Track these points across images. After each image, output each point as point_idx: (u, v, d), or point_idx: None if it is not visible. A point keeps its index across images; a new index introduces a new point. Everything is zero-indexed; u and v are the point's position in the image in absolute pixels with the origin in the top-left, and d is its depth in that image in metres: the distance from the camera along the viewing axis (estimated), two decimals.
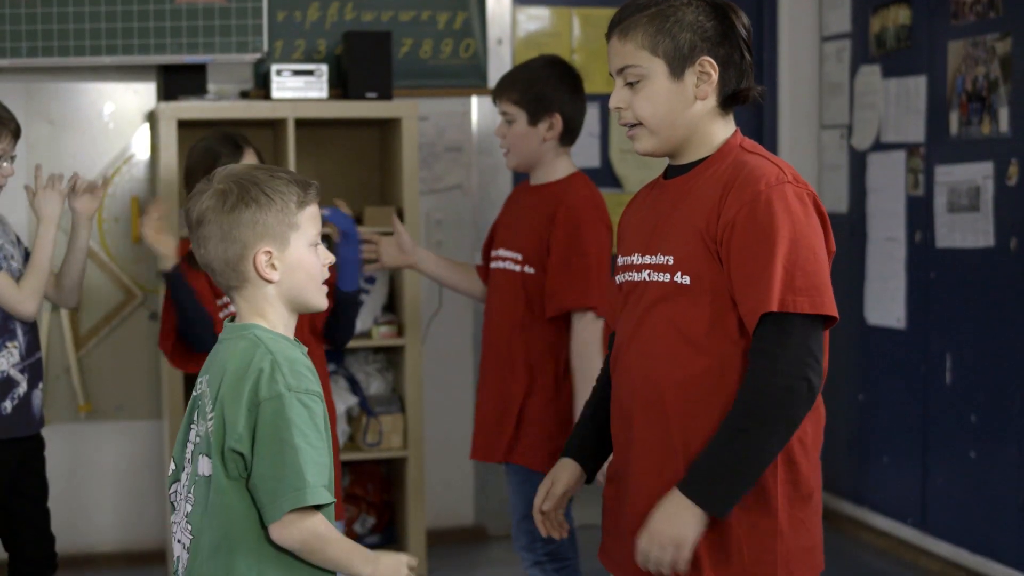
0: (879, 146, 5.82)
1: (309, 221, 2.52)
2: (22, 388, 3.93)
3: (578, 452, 2.84)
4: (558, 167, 3.96)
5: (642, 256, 2.66)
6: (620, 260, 2.75)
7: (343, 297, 4.08)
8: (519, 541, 3.96)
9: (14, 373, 3.91)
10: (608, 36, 2.69)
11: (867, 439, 5.95)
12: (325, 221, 3.97)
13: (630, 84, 2.64)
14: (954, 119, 5.32)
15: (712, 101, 2.64)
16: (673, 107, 2.62)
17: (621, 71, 2.64)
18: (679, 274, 2.57)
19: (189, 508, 2.51)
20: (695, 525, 2.48)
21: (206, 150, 4.15)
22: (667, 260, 2.60)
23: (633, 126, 2.67)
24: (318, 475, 2.39)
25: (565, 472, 2.80)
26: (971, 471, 5.25)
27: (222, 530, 2.44)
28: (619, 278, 2.75)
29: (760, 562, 2.56)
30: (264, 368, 2.41)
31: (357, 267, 4.14)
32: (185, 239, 4.17)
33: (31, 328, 3.98)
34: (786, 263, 2.48)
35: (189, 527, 2.50)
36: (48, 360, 5.45)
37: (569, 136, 3.95)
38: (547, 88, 3.90)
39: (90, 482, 5.61)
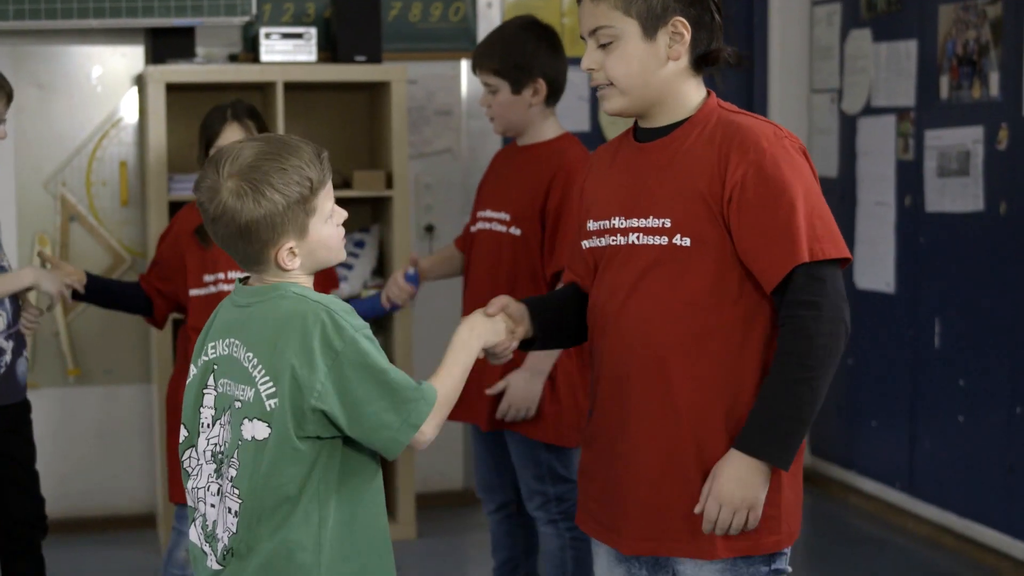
0: (869, 110, 5.81)
1: (324, 199, 2.50)
2: (7, 356, 3.92)
3: (534, 304, 2.83)
4: (546, 128, 3.96)
5: (626, 219, 2.65)
6: (593, 224, 2.73)
7: None
8: (532, 502, 3.99)
9: (1, 341, 3.90)
10: None
11: (856, 403, 5.96)
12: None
13: (603, 45, 2.63)
14: (944, 83, 5.31)
15: (684, 62, 2.64)
16: (646, 67, 2.62)
17: (593, 32, 2.64)
18: (678, 236, 2.57)
19: (233, 473, 2.47)
20: (764, 483, 2.52)
21: (201, 123, 4.13)
22: (663, 223, 2.59)
23: (605, 86, 2.66)
24: (411, 383, 2.45)
25: (506, 299, 2.79)
26: (959, 435, 5.27)
27: (282, 489, 2.43)
28: (592, 242, 2.74)
29: (768, 516, 2.58)
30: (325, 320, 2.41)
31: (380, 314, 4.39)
32: (190, 205, 4.17)
33: (15, 296, 3.97)
34: (806, 215, 2.51)
35: (236, 491, 2.47)
36: None
37: (554, 97, 3.94)
38: (526, 54, 3.87)
39: (79, 446, 5.61)
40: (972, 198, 5.15)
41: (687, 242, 2.56)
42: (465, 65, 5.88)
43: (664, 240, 2.59)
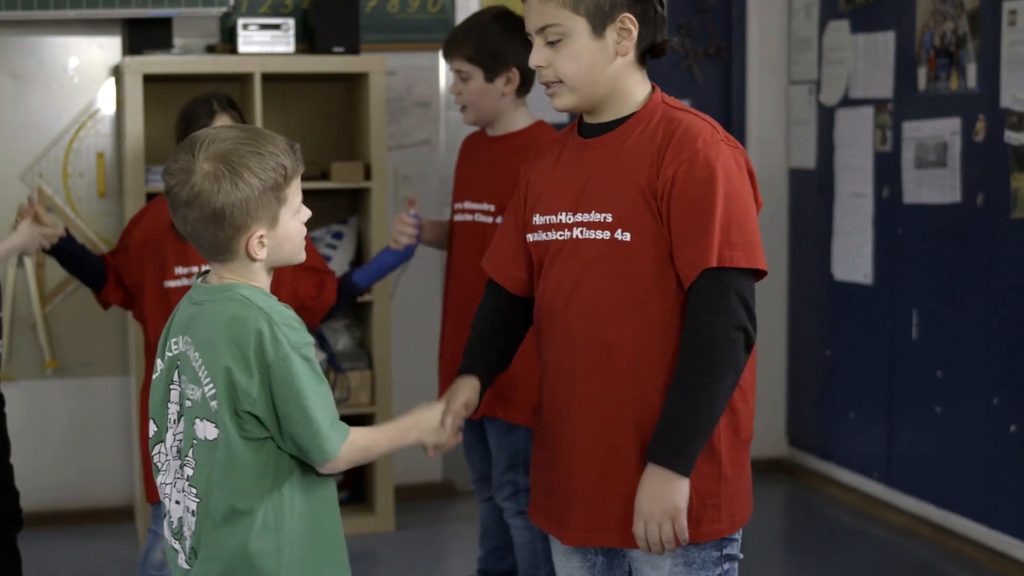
0: (847, 102, 5.82)
1: (294, 190, 2.51)
2: None
3: (479, 368, 2.85)
4: (519, 118, 3.98)
5: (572, 214, 2.67)
6: (539, 219, 2.74)
7: (354, 289, 4.25)
8: (502, 492, 3.99)
9: None
10: None
11: (833, 394, 5.97)
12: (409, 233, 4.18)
13: (551, 43, 2.64)
14: (922, 75, 5.32)
15: (631, 56, 2.66)
16: (595, 65, 2.63)
17: (541, 30, 2.65)
18: (619, 231, 2.60)
19: (190, 472, 2.49)
20: (682, 491, 2.54)
21: (183, 114, 4.14)
22: (605, 217, 2.62)
23: (553, 83, 2.67)
24: (329, 417, 2.45)
25: (465, 388, 2.79)
26: (936, 426, 5.28)
27: (237, 491, 2.44)
28: (537, 236, 2.75)
29: (707, 506, 2.61)
30: (263, 330, 2.40)
31: (384, 276, 4.33)
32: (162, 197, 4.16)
33: None
34: (723, 220, 2.53)
35: (193, 490, 2.49)
36: (14, 316, 5.43)
37: (525, 87, 3.96)
38: (500, 43, 3.89)
39: (57, 439, 5.59)
40: (949, 189, 5.16)
41: (628, 237, 2.59)
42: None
43: (607, 235, 2.61)
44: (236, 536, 2.44)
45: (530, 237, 2.77)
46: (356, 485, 5.66)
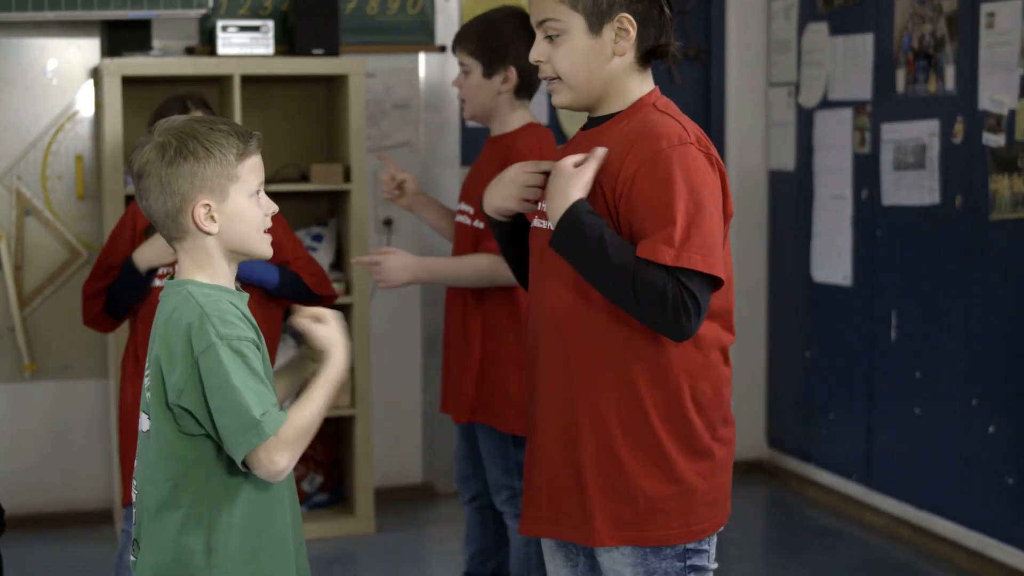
0: (826, 103, 5.83)
1: (250, 172, 2.52)
2: None
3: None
4: (513, 119, 3.97)
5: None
6: (540, 205, 2.77)
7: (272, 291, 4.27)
8: (499, 496, 4.01)
9: None
10: None
11: (813, 396, 5.99)
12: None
13: (549, 37, 2.65)
14: (901, 77, 5.33)
15: (630, 57, 2.66)
16: (591, 62, 2.64)
17: (541, 23, 2.66)
18: None
19: (138, 465, 2.54)
20: (563, 198, 2.57)
21: (156, 112, 4.15)
22: None
23: (552, 79, 2.68)
24: (263, 404, 2.40)
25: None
26: (916, 428, 5.29)
27: (165, 483, 2.46)
28: (534, 223, 2.79)
29: (655, 510, 2.61)
30: (193, 322, 2.42)
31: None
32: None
33: None
34: (684, 221, 2.50)
35: (135, 483, 2.54)
36: None
37: (526, 89, 3.95)
38: (503, 40, 3.89)
39: (35, 442, 5.57)
40: (928, 191, 5.18)
41: None
42: (423, 58, 5.87)
43: None
44: (165, 530, 2.46)
45: (533, 224, 2.80)
46: (336, 487, 5.65)
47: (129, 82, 5.19)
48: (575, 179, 2.56)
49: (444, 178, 5.87)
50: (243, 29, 5.31)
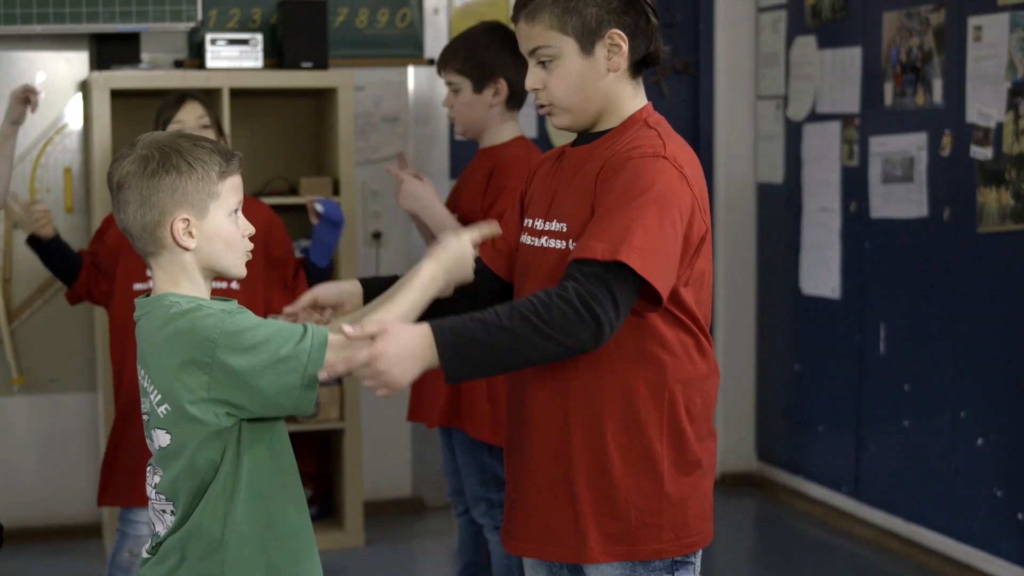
0: (814, 116, 5.84)
1: (230, 191, 2.51)
2: None
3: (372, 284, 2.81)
4: (504, 131, 3.98)
5: (544, 222, 2.69)
6: (526, 222, 2.77)
7: (315, 272, 4.29)
8: (477, 508, 3.99)
9: None
10: (515, 19, 2.69)
11: (802, 408, 5.99)
12: (315, 209, 4.26)
13: (542, 63, 2.65)
14: (889, 90, 5.35)
15: (623, 69, 2.66)
16: (587, 83, 2.64)
17: (533, 52, 2.66)
18: (571, 241, 2.60)
19: (157, 479, 2.52)
20: (420, 369, 2.42)
21: (159, 111, 4.15)
22: (562, 227, 2.63)
23: (548, 104, 2.68)
24: (293, 337, 2.39)
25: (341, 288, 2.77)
26: (904, 440, 5.30)
27: (194, 491, 2.47)
28: (522, 239, 2.77)
29: (646, 524, 2.60)
30: (194, 320, 2.41)
31: (332, 250, 4.33)
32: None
33: None
34: (631, 220, 2.46)
35: (162, 496, 2.52)
36: None
37: (515, 100, 3.97)
38: (489, 54, 3.90)
39: (23, 455, 5.56)
40: (916, 204, 5.19)
41: None
42: (412, 71, 5.87)
43: (563, 244, 2.62)
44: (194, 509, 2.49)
45: (520, 238, 2.79)
46: (326, 500, 5.64)
47: (118, 95, 5.19)
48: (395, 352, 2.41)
49: None
50: (232, 42, 5.32)
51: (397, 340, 2.38)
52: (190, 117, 4.08)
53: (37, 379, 5.56)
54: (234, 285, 3.98)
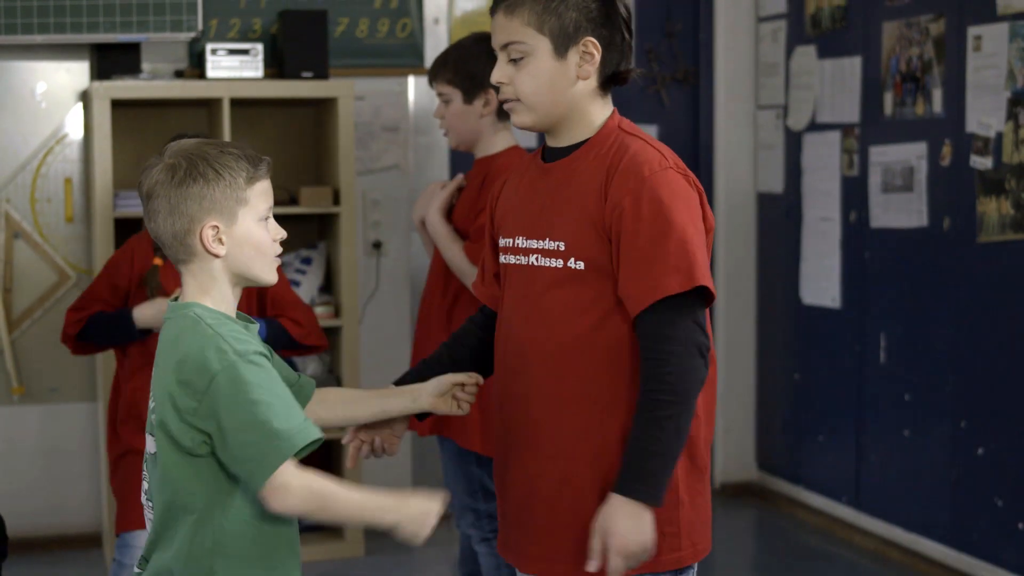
0: (814, 126, 5.85)
1: (259, 196, 2.51)
2: None
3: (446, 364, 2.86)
4: (497, 141, 3.97)
5: (527, 240, 2.67)
6: (502, 241, 2.74)
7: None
8: (464, 519, 3.98)
9: None
10: (493, 11, 2.69)
11: (802, 418, 5.99)
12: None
13: (513, 60, 2.64)
14: (888, 100, 5.35)
15: (593, 82, 2.65)
16: (555, 85, 2.63)
17: (505, 47, 2.65)
18: (572, 259, 2.59)
19: (146, 485, 2.54)
20: (651, 520, 2.50)
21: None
22: (558, 245, 2.61)
23: (513, 100, 2.67)
24: (290, 419, 2.38)
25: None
26: (905, 450, 5.30)
27: (168, 501, 2.46)
28: (503, 259, 2.75)
29: (666, 534, 2.59)
30: (206, 344, 2.41)
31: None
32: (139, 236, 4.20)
33: None
34: (676, 247, 2.51)
35: (150, 504, 2.54)
36: None
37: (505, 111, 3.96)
38: (479, 65, 3.89)
39: (24, 465, 5.56)
40: (916, 214, 5.19)
41: (581, 265, 2.58)
42: (412, 81, 5.88)
43: (560, 263, 2.61)
44: (176, 536, 2.47)
45: (500, 259, 2.77)
46: None
47: (118, 105, 5.19)
48: None
49: None
50: (232, 52, 5.32)
51: (618, 526, 2.48)
52: None
53: (37, 389, 5.56)
54: None
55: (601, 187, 2.58)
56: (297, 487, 2.38)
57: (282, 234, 2.57)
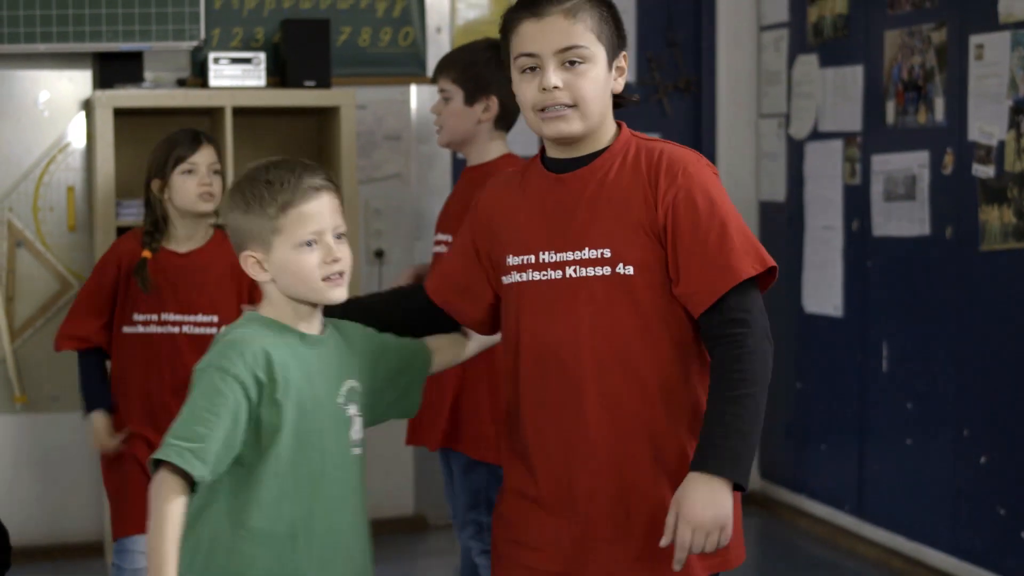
0: (816, 135, 5.85)
1: (295, 223, 2.51)
2: None
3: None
4: (491, 149, 3.96)
5: (558, 253, 2.61)
6: (513, 259, 2.68)
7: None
8: (466, 531, 3.96)
9: None
10: (539, 13, 2.59)
11: (804, 427, 5.98)
12: None
13: (569, 64, 2.59)
14: (891, 108, 5.35)
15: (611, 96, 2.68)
16: (605, 95, 2.64)
17: (563, 51, 2.58)
18: (620, 265, 2.56)
19: None
20: (730, 500, 2.47)
21: (166, 140, 4.11)
22: (602, 253, 2.57)
23: (566, 107, 2.59)
24: (190, 438, 2.37)
25: None
26: (907, 458, 5.29)
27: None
28: (511, 278, 2.68)
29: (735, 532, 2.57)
30: (215, 348, 2.50)
31: None
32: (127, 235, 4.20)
33: None
34: (737, 235, 2.56)
35: None
36: None
37: (505, 120, 3.95)
38: (487, 70, 3.89)
39: (26, 474, 5.55)
40: (918, 222, 5.19)
41: (630, 270, 2.56)
42: (415, 90, 5.88)
43: (607, 270, 2.57)
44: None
45: (505, 279, 2.69)
46: None
47: (121, 114, 5.19)
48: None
49: (435, 209, 5.83)
50: (235, 61, 5.32)
51: (696, 503, 2.45)
52: (204, 160, 4.04)
53: (40, 398, 5.55)
54: (213, 319, 4.02)
55: (645, 191, 2.58)
56: (155, 493, 2.37)
57: (335, 255, 2.54)
